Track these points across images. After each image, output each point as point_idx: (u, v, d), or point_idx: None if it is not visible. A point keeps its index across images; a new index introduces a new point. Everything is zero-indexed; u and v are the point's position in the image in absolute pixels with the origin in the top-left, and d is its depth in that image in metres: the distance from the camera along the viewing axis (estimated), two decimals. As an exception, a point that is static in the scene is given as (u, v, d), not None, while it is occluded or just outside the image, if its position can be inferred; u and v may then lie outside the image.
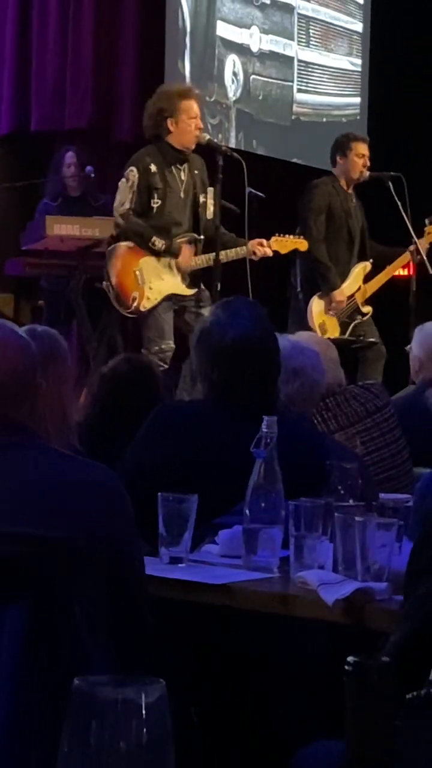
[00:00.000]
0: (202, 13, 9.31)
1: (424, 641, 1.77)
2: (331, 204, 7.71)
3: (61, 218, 7.69)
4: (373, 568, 2.58)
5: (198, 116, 6.93)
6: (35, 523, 2.14)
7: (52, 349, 2.42)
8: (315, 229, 7.62)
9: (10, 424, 2.25)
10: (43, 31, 8.97)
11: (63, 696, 1.14)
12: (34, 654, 1.97)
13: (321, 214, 7.67)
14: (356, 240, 7.81)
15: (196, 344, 3.33)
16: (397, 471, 4.33)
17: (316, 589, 2.55)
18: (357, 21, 10.67)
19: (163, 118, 6.84)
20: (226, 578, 2.68)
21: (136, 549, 2.35)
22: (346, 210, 7.75)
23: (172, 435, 3.21)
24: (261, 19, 9.78)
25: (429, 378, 5.02)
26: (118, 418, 3.66)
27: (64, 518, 2.18)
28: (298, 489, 2.82)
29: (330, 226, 7.70)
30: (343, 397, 4.29)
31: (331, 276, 7.62)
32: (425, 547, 2.12)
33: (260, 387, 3.24)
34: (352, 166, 7.80)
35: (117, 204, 6.86)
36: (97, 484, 2.28)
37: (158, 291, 6.84)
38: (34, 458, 2.26)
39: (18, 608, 1.97)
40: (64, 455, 2.31)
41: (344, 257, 7.76)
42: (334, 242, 7.70)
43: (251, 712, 2.85)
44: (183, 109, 6.85)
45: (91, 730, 1.09)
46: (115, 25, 9.02)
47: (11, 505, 2.18)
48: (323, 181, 7.81)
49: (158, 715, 1.11)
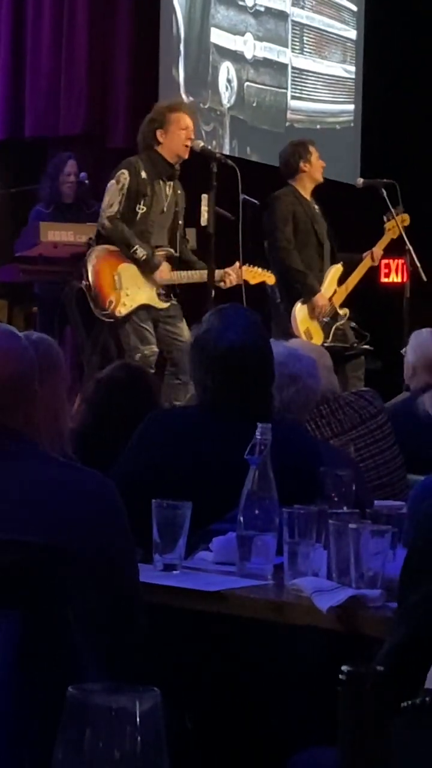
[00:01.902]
0: (196, 20, 9.33)
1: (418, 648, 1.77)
2: (296, 212, 7.74)
3: (54, 225, 7.69)
4: (367, 575, 2.58)
5: (189, 128, 6.94)
6: (29, 530, 2.14)
7: (47, 356, 2.41)
8: (284, 239, 7.64)
9: (5, 431, 2.25)
10: (38, 37, 8.98)
11: (57, 703, 1.14)
12: (27, 661, 1.97)
13: (287, 224, 7.70)
14: (325, 244, 7.84)
15: (190, 351, 3.34)
16: (391, 478, 4.34)
17: (310, 596, 2.55)
18: (351, 28, 10.69)
19: (153, 129, 6.87)
20: (220, 585, 2.68)
21: (130, 556, 2.35)
22: (310, 216, 7.78)
23: (165, 441, 3.22)
24: (255, 27, 9.80)
25: (423, 384, 5.03)
26: (113, 425, 3.66)
27: (58, 525, 2.18)
28: (292, 496, 2.82)
29: (297, 234, 7.72)
30: (337, 405, 4.29)
31: (309, 281, 7.65)
32: (419, 554, 2.11)
33: (254, 394, 3.25)
34: (317, 168, 7.84)
35: (105, 205, 6.87)
36: (91, 491, 2.28)
37: (133, 299, 6.87)
38: (28, 465, 2.26)
39: (12, 615, 1.97)
40: (58, 462, 2.31)
41: (316, 263, 7.79)
42: (304, 250, 7.73)
43: (245, 720, 2.84)
44: (172, 120, 6.88)
45: (85, 738, 1.09)
46: (109, 32, 9.03)
47: (5, 513, 2.18)
48: (284, 192, 7.83)
49: (152, 723, 1.11)
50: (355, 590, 2.55)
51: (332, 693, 1.21)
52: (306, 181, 7.82)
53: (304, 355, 3.94)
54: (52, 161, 8.30)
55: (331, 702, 1.22)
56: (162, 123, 6.87)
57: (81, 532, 2.20)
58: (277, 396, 3.45)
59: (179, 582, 2.73)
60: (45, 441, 2.31)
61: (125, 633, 2.29)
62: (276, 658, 2.80)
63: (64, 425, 2.43)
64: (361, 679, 1.09)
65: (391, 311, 7.86)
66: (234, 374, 3.22)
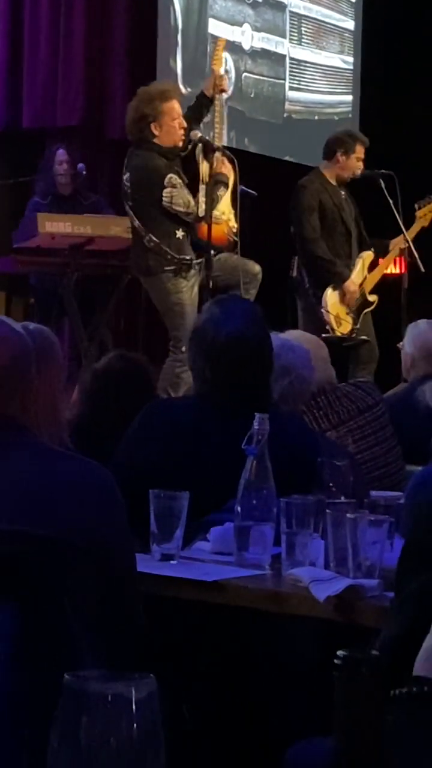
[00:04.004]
0: (194, 10, 9.31)
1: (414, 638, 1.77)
2: (322, 201, 7.71)
3: (52, 216, 7.68)
4: (364, 564, 2.58)
5: (181, 115, 6.93)
6: (26, 520, 2.14)
7: (44, 347, 2.41)
8: (310, 227, 7.62)
9: (2, 419, 2.25)
10: (35, 28, 8.97)
11: (54, 693, 1.14)
12: (25, 652, 1.97)
13: (313, 213, 7.66)
14: (353, 231, 7.81)
15: (190, 341, 3.35)
16: (388, 468, 4.34)
17: (307, 586, 2.55)
18: (349, 19, 10.67)
19: (146, 123, 6.85)
20: (218, 575, 2.68)
21: (127, 546, 2.35)
22: (337, 204, 7.75)
23: (163, 432, 3.22)
24: (253, 17, 9.78)
25: (421, 375, 5.02)
26: (110, 415, 3.66)
27: (55, 516, 2.18)
28: (289, 486, 2.82)
29: (324, 222, 7.69)
30: (334, 396, 4.29)
31: (338, 269, 7.62)
32: (416, 544, 2.12)
33: (253, 384, 3.25)
34: (350, 166, 7.79)
35: (183, 207, 6.78)
36: (88, 481, 2.28)
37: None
38: (25, 455, 2.25)
39: (9, 606, 1.97)
40: (55, 452, 2.31)
41: (344, 250, 7.76)
42: (331, 238, 7.69)
43: (243, 709, 2.85)
44: (165, 111, 6.86)
45: (81, 726, 1.09)
46: (106, 23, 9.02)
47: (1, 503, 2.18)
48: (310, 180, 7.80)
49: (148, 710, 1.11)
50: (353, 580, 2.55)
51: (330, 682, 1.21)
52: (336, 171, 7.78)
53: (297, 345, 3.94)
54: (45, 154, 8.30)
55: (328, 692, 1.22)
56: (155, 116, 6.84)
57: (78, 522, 2.20)
58: (272, 388, 3.45)
59: (177, 572, 2.73)
60: (43, 431, 2.31)
61: (122, 623, 2.29)
62: (273, 648, 2.81)
63: (62, 415, 2.44)
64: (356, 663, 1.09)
65: (390, 302, 7.85)
66: (233, 365, 3.22)
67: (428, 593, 1.96)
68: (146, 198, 6.79)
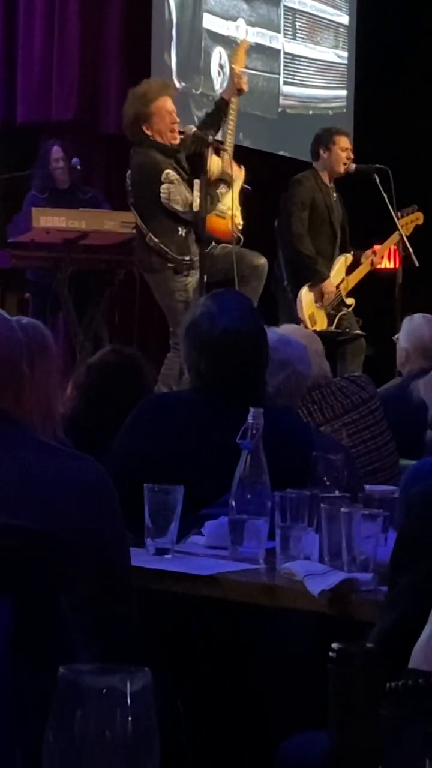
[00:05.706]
0: (189, 5, 9.30)
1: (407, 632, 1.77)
2: (315, 199, 7.72)
3: (47, 210, 7.67)
4: (359, 558, 2.59)
5: (173, 111, 6.93)
6: (20, 514, 2.14)
7: (37, 340, 2.41)
8: (299, 222, 7.62)
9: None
10: (30, 23, 8.96)
11: (49, 688, 1.14)
12: (19, 646, 1.97)
13: (305, 210, 7.67)
14: (338, 234, 7.82)
15: (184, 335, 3.34)
16: (383, 463, 4.34)
17: (302, 580, 2.55)
18: (343, 13, 10.66)
19: (139, 124, 6.86)
20: (212, 569, 2.68)
21: (121, 541, 2.35)
22: (329, 205, 7.76)
23: (158, 426, 3.21)
24: (247, 12, 9.77)
25: (415, 370, 5.03)
26: (105, 410, 3.65)
27: (49, 510, 2.18)
28: (284, 480, 2.82)
29: (313, 221, 7.70)
30: (328, 390, 4.29)
31: (319, 267, 7.63)
32: (409, 539, 2.11)
33: (247, 379, 3.25)
34: (336, 160, 7.79)
35: (182, 205, 6.78)
36: (83, 475, 2.28)
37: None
38: (19, 449, 2.25)
39: (3, 601, 1.97)
40: (49, 446, 2.30)
41: (328, 251, 7.77)
42: (317, 237, 7.70)
43: (238, 703, 2.85)
44: (155, 111, 6.87)
45: (76, 719, 1.09)
46: (101, 17, 9.01)
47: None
48: (306, 176, 7.80)
49: (143, 703, 1.11)
50: (347, 574, 2.55)
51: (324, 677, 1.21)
52: (324, 167, 7.79)
53: (294, 340, 3.94)
54: (41, 151, 8.29)
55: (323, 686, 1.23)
56: (147, 116, 6.86)
57: (72, 516, 2.20)
58: (268, 382, 3.45)
59: (171, 566, 2.73)
60: (37, 425, 2.31)
61: (117, 617, 2.29)
62: (268, 642, 2.81)
63: (56, 409, 2.43)
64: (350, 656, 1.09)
65: (384, 297, 7.85)
66: (228, 359, 3.22)
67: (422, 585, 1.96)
68: (146, 195, 6.80)
